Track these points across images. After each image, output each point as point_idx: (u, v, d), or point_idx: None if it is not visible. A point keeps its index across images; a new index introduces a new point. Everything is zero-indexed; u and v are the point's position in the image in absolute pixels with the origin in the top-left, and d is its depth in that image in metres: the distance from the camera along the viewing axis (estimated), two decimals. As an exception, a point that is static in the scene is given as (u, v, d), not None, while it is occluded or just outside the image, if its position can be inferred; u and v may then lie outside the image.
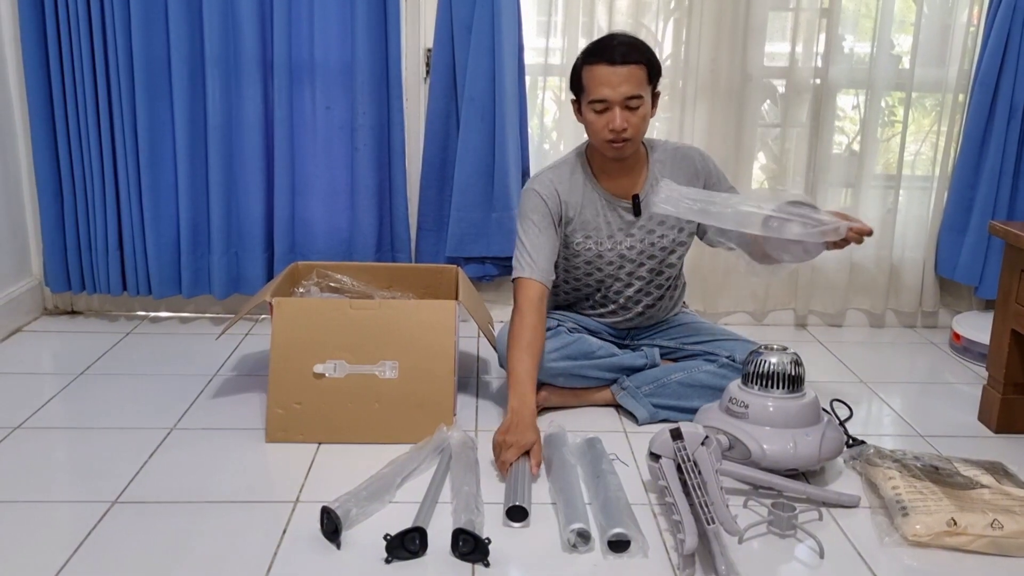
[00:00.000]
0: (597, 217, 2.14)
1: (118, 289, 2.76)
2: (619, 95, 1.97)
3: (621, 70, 1.96)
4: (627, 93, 1.97)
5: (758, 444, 1.82)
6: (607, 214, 2.14)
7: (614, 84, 1.96)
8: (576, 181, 2.14)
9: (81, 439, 2.01)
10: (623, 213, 2.15)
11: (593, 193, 2.14)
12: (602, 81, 1.97)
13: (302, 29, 2.61)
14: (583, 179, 2.14)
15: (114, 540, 1.60)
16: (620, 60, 1.96)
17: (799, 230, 1.81)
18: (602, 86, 1.97)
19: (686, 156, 2.18)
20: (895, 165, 2.87)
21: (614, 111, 1.98)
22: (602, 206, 2.14)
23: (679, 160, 2.17)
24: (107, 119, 2.61)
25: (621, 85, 1.96)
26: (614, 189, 2.14)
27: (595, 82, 1.98)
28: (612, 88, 1.96)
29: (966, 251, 2.83)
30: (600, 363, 2.17)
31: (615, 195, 2.14)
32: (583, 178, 2.14)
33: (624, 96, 1.97)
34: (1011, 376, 2.13)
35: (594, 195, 2.14)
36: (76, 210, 2.70)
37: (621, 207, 2.14)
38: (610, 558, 1.57)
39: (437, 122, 2.70)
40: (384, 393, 2.00)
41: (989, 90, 2.70)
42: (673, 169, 2.16)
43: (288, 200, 2.72)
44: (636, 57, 1.98)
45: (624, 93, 1.97)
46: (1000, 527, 1.60)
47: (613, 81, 1.96)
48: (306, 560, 1.55)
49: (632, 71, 1.97)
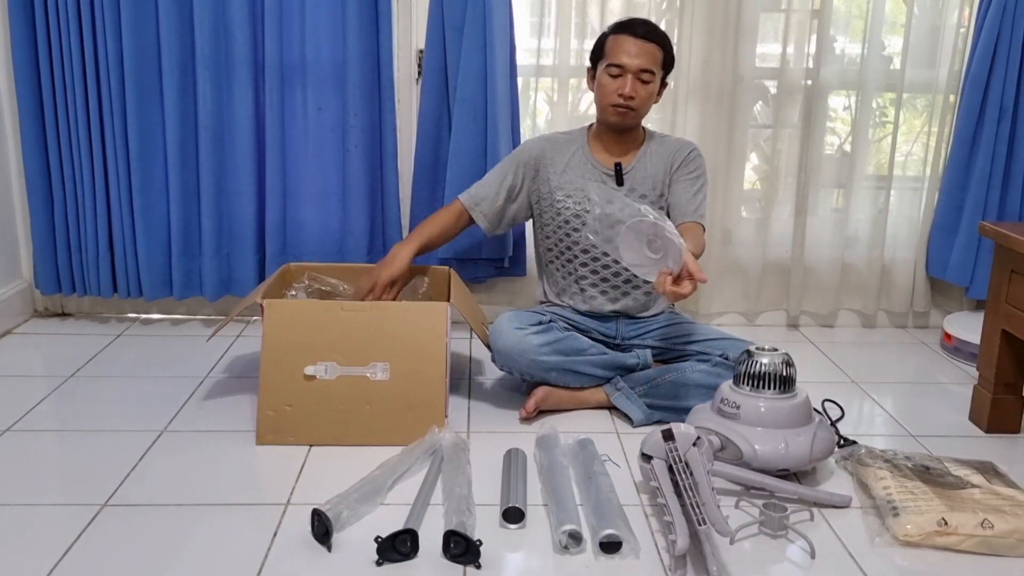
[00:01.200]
0: (580, 178, 2.26)
1: (108, 291, 2.75)
2: (635, 65, 2.13)
3: (643, 44, 2.14)
4: (642, 65, 2.14)
5: (749, 445, 1.82)
6: (590, 176, 2.25)
7: (633, 54, 2.14)
8: (570, 145, 2.31)
9: (71, 442, 2.00)
10: (606, 179, 2.25)
11: (581, 156, 2.29)
12: (623, 49, 2.14)
13: (293, 30, 2.60)
14: (578, 144, 2.31)
15: (104, 544, 1.59)
16: (643, 35, 2.15)
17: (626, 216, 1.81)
18: (622, 53, 2.14)
19: (675, 146, 2.29)
20: (886, 166, 2.88)
21: (627, 78, 2.14)
22: (587, 169, 2.27)
23: (668, 147, 2.29)
24: (97, 120, 2.60)
25: (639, 56, 2.14)
26: (602, 158, 2.28)
27: (617, 49, 2.15)
28: (631, 57, 2.14)
29: (957, 251, 2.84)
30: (592, 359, 2.18)
31: (601, 162, 2.28)
32: (578, 144, 2.31)
33: (639, 67, 2.14)
34: (1001, 376, 2.14)
35: (581, 158, 2.29)
36: (66, 212, 2.69)
37: (604, 173, 2.25)
38: (602, 559, 1.57)
39: (429, 123, 2.69)
40: (375, 395, 2.00)
41: (979, 91, 2.71)
42: (660, 156, 2.28)
43: (280, 201, 2.71)
44: (657, 38, 2.17)
45: (640, 64, 2.14)
46: (990, 527, 1.61)
47: (633, 51, 2.14)
48: (297, 563, 1.55)
49: (651, 48, 2.15)
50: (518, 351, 2.11)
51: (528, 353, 2.11)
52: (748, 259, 2.92)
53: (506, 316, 2.18)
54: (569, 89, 2.80)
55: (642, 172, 2.26)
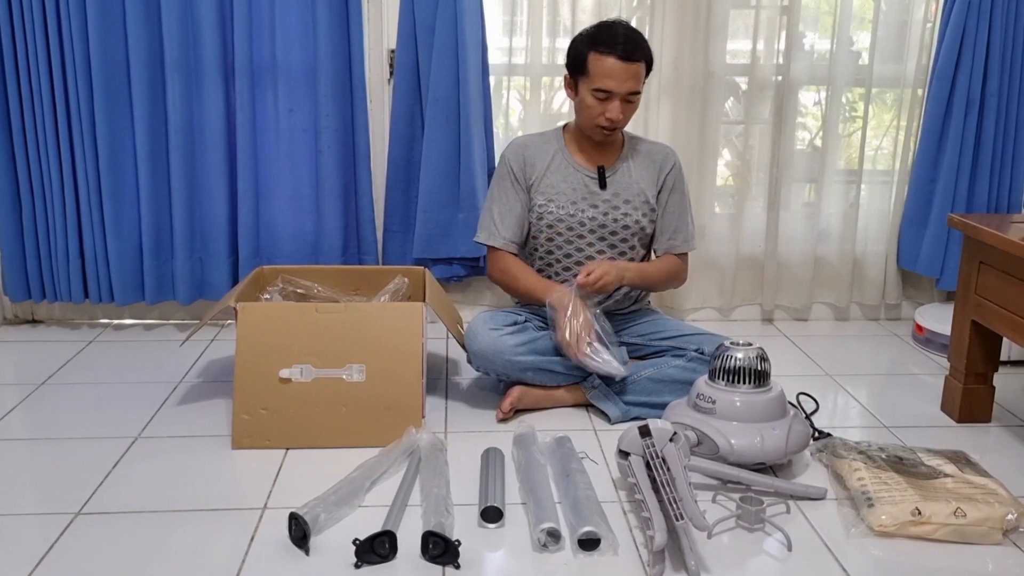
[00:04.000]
0: (562, 182, 2.23)
1: (80, 296, 2.72)
2: (624, 89, 2.09)
3: (629, 67, 2.08)
4: (631, 88, 2.10)
5: (726, 439, 1.83)
6: (572, 181, 2.23)
7: (621, 79, 2.08)
8: (548, 148, 2.26)
9: (43, 450, 1.98)
10: (588, 182, 2.23)
11: (562, 159, 2.25)
12: (610, 73, 2.08)
13: (263, 31, 2.58)
14: (556, 147, 2.26)
15: (78, 552, 1.57)
16: (630, 57, 2.08)
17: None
18: (609, 78, 2.08)
19: (659, 155, 2.29)
20: (857, 160, 2.90)
21: (615, 102, 2.10)
22: (569, 173, 2.24)
23: (651, 156, 2.29)
24: (65, 124, 2.57)
25: (627, 81, 2.09)
26: (583, 161, 2.26)
27: (603, 72, 2.08)
28: (619, 83, 2.08)
29: (927, 244, 2.87)
30: (567, 359, 2.18)
31: (583, 165, 2.24)
32: (556, 146, 2.26)
33: (628, 91, 2.10)
34: (972, 366, 2.17)
35: (563, 161, 2.25)
36: (35, 217, 2.65)
37: (587, 175, 2.23)
38: (580, 556, 1.58)
39: (402, 123, 2.69)
40: (352, 397, 1.99)
41: (946, 85, 2.74)
42: (643, 163, 2.27)
43: (252, 204, 2.69)
44: (641, 55, 2.11)
45: (628, 88, 2.10)
46: (963, 515, 1.63)
47: (621, 76, 2.08)
48: (274, 567, 1.54)
49: (638, 69, 2.10)
50: (493, 352, 2.11)
51: (504, 354, 2.11)
52: (722, 254, 2.94)
53: (481, 317, 2.18)
54: (542, 87, 2.80)
55: (626, 178, 2.25)
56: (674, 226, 2.30)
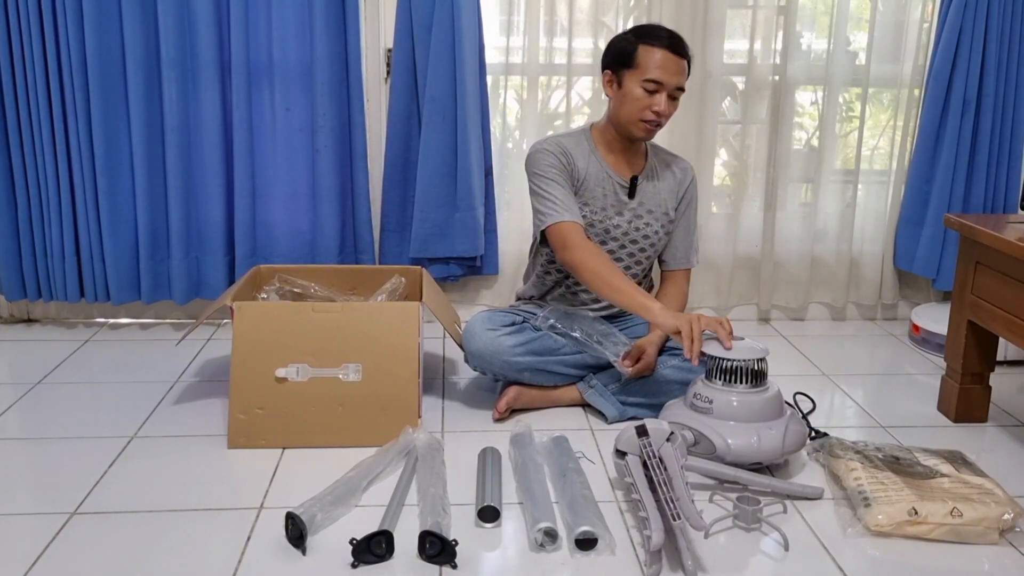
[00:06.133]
0: (597, 187, 2.20)
1: (76, 296, 2.71)
2: (673, 83, 2.08)
3: (680, 61, 2.09)
4: (679, 83, 2.10)
5: (722, 439, 1.83)
6: (605, 187, 2.21)
7: (672, 72, 2.08)
8: (582, 148, 2.21)
9: (39, 450, 1.97)
10: (619, 190, 2.22)
11: (597, 163, 2.21)
12: (663, 65, 2.07)
13: (260, 30, 2.58)
14: (588, 148, 2.21)
15: (74, 552, 1.57)
16: (680, 52, 2.09)
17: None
18: (662, 70, 2.07)
19: (680, 169, 2.31)
20: (853, 160, 2.91)
21: (663, 95, 2.08)
22: (603, 177, 2.20)
23: (673, 169, 2.29)
24: (61, 123, 2.56)
25: (677, 74, 2.09)
26: (615, 165, 2.22)
27: (655, 63, 2.07)
28: (670, 75, 2.07)
29: (923, 244, 2.88)
30: (565, 359, 2.18)
31: (618, 173, 2.22)
32: (588, 147, 2.21)
33: (675, 85, 2.09)
34: (968, 366, 2.17)
35: (598, 165, 2.21)
36: (31, 216, 2.64)
37: (619, 183, 2.21)
38: (577, 556, 1.58)
39: (399, 122, 2.68)
40: (348, 396, 1.98)
41: (943, 85, 2.74)
42: (667, 175, 2.28)
43: (249, 203, 2.68)
44: (687, 52, 2.12)
45: (677, 83, 2.09)
46: (959, 515, 1.63)
47: (672, 69, 2.08)
48: (271, 567, 1.54)
49: (684, 65, 2.11)
50: (491, 352, 2.11)
51: (501, 354, 2.11)
52: (719, 254, 2.94)
53: (478, 317, 2.18)
54: (539, 87, 2.80)
55: (651, 188, 2.25)
56: (686, 241, 2.32)
